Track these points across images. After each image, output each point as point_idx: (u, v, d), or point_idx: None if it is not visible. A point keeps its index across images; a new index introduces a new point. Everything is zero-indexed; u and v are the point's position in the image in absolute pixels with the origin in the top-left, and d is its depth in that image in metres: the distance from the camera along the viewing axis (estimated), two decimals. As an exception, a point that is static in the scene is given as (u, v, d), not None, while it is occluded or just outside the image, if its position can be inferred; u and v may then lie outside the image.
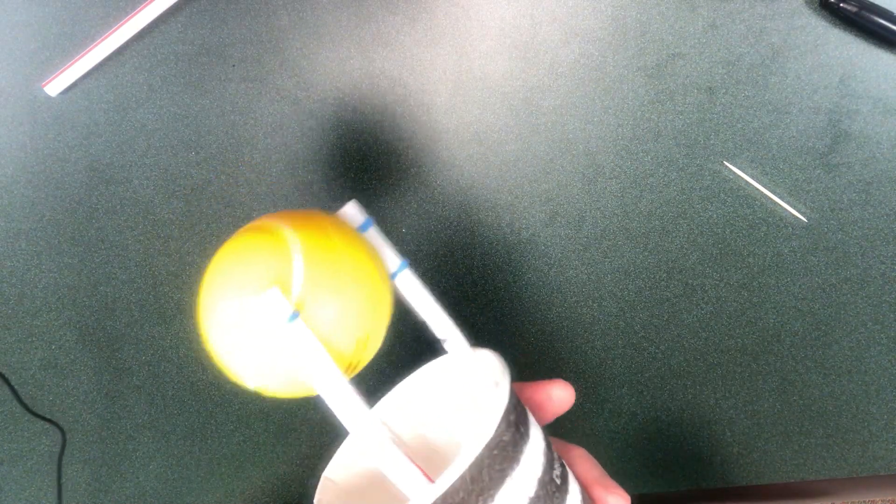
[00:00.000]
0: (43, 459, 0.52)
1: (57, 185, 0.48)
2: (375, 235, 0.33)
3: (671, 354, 0.50)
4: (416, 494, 0.25)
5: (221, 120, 0.47)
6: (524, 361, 0.50)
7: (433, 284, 0.49)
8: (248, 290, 0.28)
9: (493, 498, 0.26)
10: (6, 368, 0.50)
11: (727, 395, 0.50)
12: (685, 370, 0.50)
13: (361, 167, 0.48)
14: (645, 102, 0.47)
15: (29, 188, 0.48)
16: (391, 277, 0.32)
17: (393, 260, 0.32)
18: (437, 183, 0.48)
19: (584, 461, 0.32)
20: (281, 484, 0.52)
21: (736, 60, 0.46)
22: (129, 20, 0.45)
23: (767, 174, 0.47)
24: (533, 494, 0.27)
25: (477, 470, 0.26)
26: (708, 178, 0.48)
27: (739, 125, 0.47)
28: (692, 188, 0.48)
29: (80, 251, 0.49)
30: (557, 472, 0.29)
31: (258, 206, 0.48)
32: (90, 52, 0.45)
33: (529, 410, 0.31)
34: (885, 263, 0.48)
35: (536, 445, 0.29)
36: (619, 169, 0.48)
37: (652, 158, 0.48)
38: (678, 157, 0.48)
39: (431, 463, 0.31)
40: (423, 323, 0.33)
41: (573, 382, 0.51)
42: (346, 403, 0.27)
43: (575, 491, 0.30)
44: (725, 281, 0.49)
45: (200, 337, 0.30)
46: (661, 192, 0.48)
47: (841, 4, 0.44)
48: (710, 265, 0.49)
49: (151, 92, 0.47)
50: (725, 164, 0.47)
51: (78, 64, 0.46)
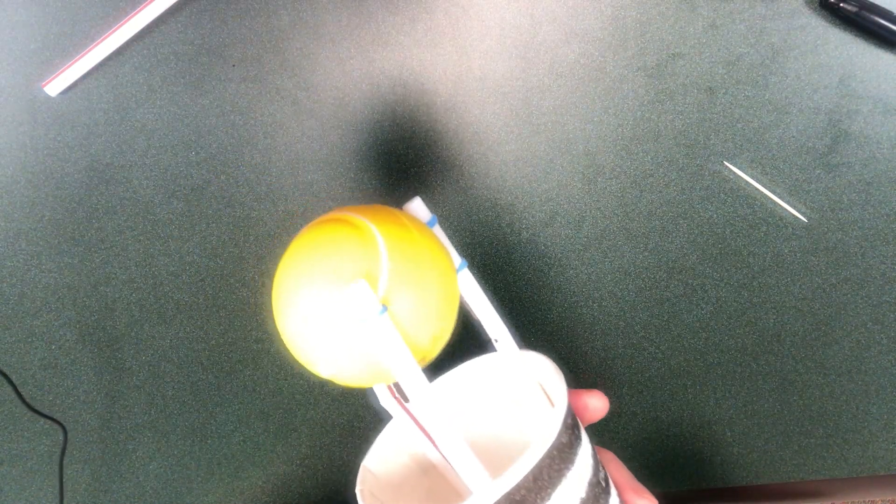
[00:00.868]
0: (43, 459, 0.52)
1: (57, 185, 0.48)
2: (440, 232, 0.33)
3: (671, 354, 0.50)
4: (481, 490, 0.26)
5: (221, 120, 0.47)
6: (524, 361, 0.50)
7: (433, 284, 0.49)
8: (335, 280, 0.28)
9: (549, 497, 0.26)
10: (6, 368, 0.50)
11: (727, 395, 0.50)
12: (685, 370, 0.50)
13: (361, 167, 0.48)
14: (645, 102, 0.47)
15: (29, 188, 0.48)
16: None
17: (455, 258, 0.32)
18: (436, 183, 0.48)
19: (614, 464, 0.33)
20: (281, 484, 0.52)
21: (736, 60, 0.46)
22: (129, 20, 0.45)
23: (767, 174, 0.47)
24: (584, 495, 0.28)
25: (539, 470, 0.26)
26: (708, 178, 0.48)
27: (739, 125, 0.47)
28: (692, 188, 0.48)
29: (80, 251, 0.49)
30: (602, 474, 0.30)
31: (258, 206, 0.48)
32: (90, 52, 0.45)
33: None
34: (885, 263, 0.48)
35: (586, 448, 0.30)
36: (619, 169, 0.48)
37: (652, 158, 0.48)
38: (678, 157, 0.48)
39: None
40: (477, 322, 0.34)
41: (573, 383, 0.51)
42: (421, 395, 0.28)
43: (614, 494, 0.30)
44: (725, 281, 0.49)
45: (275, 321, 0.30)
46: (661, 192, 0.48)
47: (841, 4, 0.44)
48: (710, 265, 0.49)
49: (151, 92, 0.47)
50: (725, 164, 0.47)
51: (78, 64, 0.46)
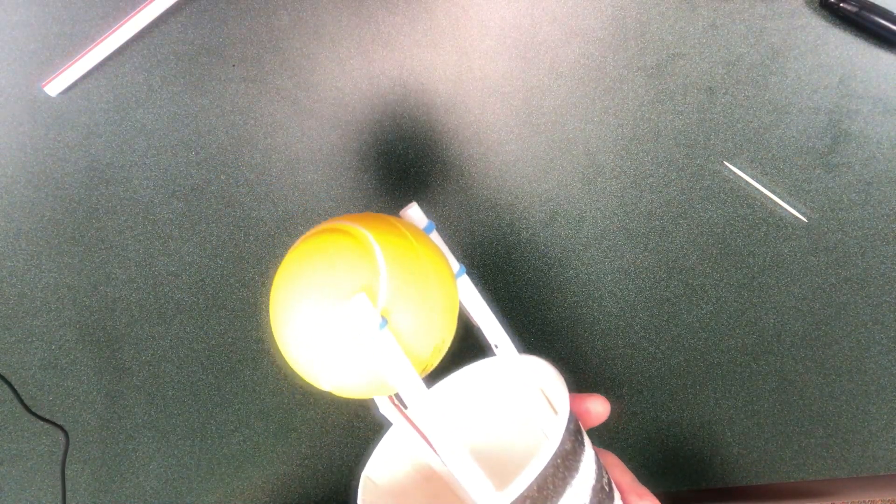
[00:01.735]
0: (44, 459, 0.52)
1: (57, 185, 0.48)
2: (437, 239, 0.32)
3: (671, 354, 0.50)
4: (486, 502, 0.26)
5: (221, 120, 0.47)
6: (524, 361, 0.50)
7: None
8: (333, 294, 0.27)
9: None
10: (6, 368, 0.50)
11: (727, 395, 0.50)
12: (685, 370, 0.50)
13: (361, 167, 0.48)
14: (645, 102, 0.47)
15: (29, 188, 0.48)
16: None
17: (453, 264, 0.32)
18: (436, 183, 0.48)
19: (616, 467, 0.33)
20: (281, 484, 0.52)
21: (736, 60, 0.46)
22: (129, 20, 0.45)
23: (767, 174, 0.47)
24: (588, 501, 0.28)
25: (543, 479, 0.26)
26: (708, 178, 0.48)
27: (739, 125, 0.47)
28: (692, 188, 0.48)
29: (80, 251, 0.49)
30: (605, 479, 0.30)
31: (258, 206, 0.48)
32: (90, 52, 0.45)
33: None
34: (885, 263, 0.48)
35: (590, 454, 0.29)
36: (619, 169, 0.48)
37: (652, 158, 0.48)
38: (678, 157, 0.48)
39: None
40: (476, 327, 0.33)
41: (573, 383, 0.51)
42: (425, 409, 0.27)
43: (618, 498, 0.30)
44: (725, 281, 0.49)
45: (273, 333, 0.30)
46: (661, 192, 0.48)
47: (841, 4, 0.44)
48: (710, 265, 0.49)
49: (151, 92, 0.47)
50: (725, 164, 0.47)
51: (78, 64, 0.46)
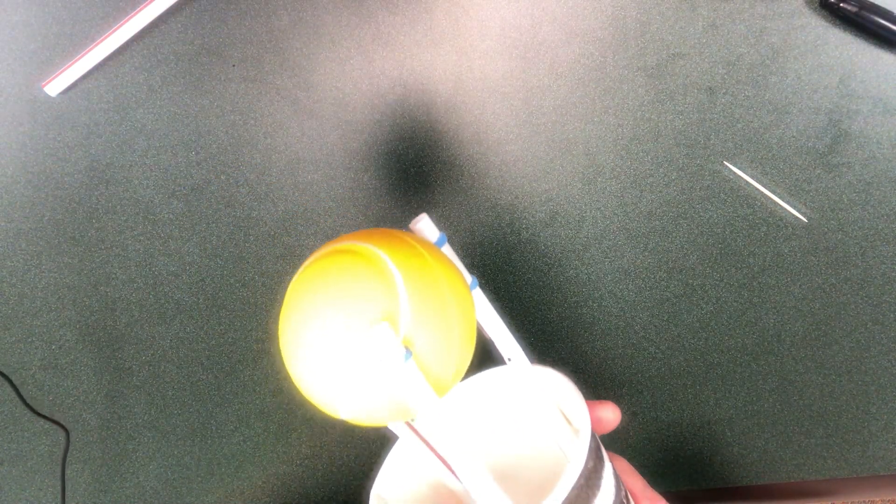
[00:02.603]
0: (44, 459, 0.52)
1: (57, 185, 0.48)
2: (449, 252, 0.31)
3: (671, 354, 0.50)
4: None
5: (221, 120, 0.47)
6: (524, 361, 0.50)
7: (433, 284, 0.49)
8: (352, 323, 0.26)
9: None
10: (6, 368, 0.50)
11: (727, 395, 0.50)
12: (685, 370, 0.50)
13: (361, 167, 0.48)
14: (645, 102, 0.47)
15: (29, 188, 0.48)
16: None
17: (465, 276, 0.31)
18: (436, 183, 0.48)
19: (627, 472, 0.33)
20: (281, 484, 0.52)
21: (736, 60, 0.46)
22: (129, 20, 0.45)
23: (767, 174, 0.47)
24: None
25: (569, 501, 0.26)
26: (708, 178, 0.48)
27: (739, 125, 0.47)
28: (692, 188, 0.48)
29: (80, 251, 0.49)
30: (623, 492, 0.29)
31: (258, 206, 0.48)
32: (90, 52, 0.45)
33: None
34: (885, 263, 0.48)
35: (609, 469, 0.29)
36: (619, 169, 0.48)
37: (652, 158, 0.48)
38: (678, 157, 0.48)
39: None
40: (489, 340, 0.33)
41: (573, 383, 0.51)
42: (447, 435, 0.27)
43: None
44: (725, 281, 0.49)
45: (284, 361, 0.28)
46: (661, 192, 0.48)
47: (841, 4, 0.44)
48: (710, 265, 0.49)
49: (151, 92, 0.47)
50: (725, 164, 0.47)
51: (78, 64, 0.46)
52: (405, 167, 0.48)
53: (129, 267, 0.49)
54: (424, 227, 0.31)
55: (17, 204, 0.48)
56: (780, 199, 0.48)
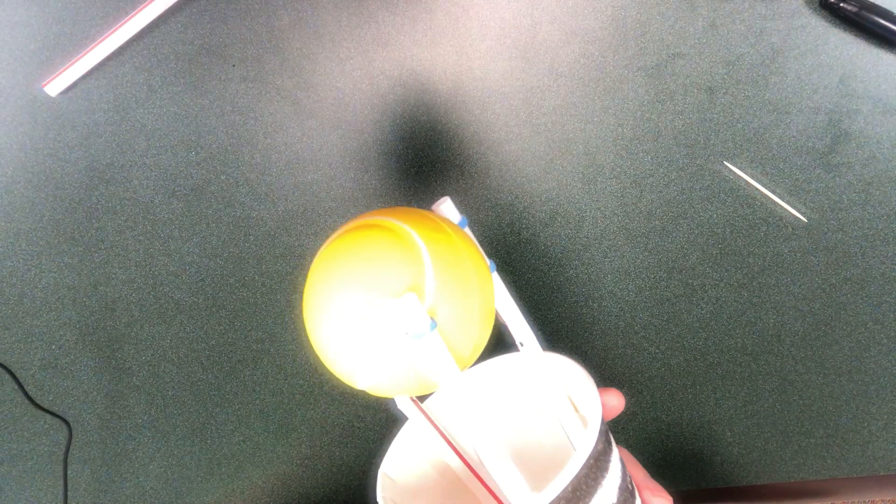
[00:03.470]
0: (44, 457, 0.52)
1: (57, 185, 0.48)
2: (470, 235, 0.31)
3: (671, 354, 0.50)
4: (522, 502, 0.26)
5: (221, 120, 0.47)
6: (524, 361, 0.50)
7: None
8: (379, 292, 0.26)
9: None
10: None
11: (727, 395, 0.50)
12: (685, 370, 0.50)
13: (361, 167, 0.48)
14: (645, 102, 0.47)
15: (29, 188, 0.48)
16: None
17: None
18: (436, 183, 0.48)
19: (629, 463, 0.33)
20: (281, 484, 0.52)
21: (736, 60, 0.46)
22: (129, 20, 0.45)
23: (767, 174, 0.47)
24: (615, 500, 0.28)
25: (578, 481, 0.26)
26: (708, 178, 0.48)
27: (739, 125, 0.47)
28: (692, 188, 0.48)
29: (80, 251, 0.49)
30: (628, 478, 0.30)
31: (258, 206, 0.48)
32: (90, 52, 0.45)
33: None
34: (885, 263, 0.48)
35: (615, 454, 0.30)
36: (619, 169, 0.48)
37: (652, 158, 0.48)
38: (678, 157, 0.48)
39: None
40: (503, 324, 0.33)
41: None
42: (467, 409, 0.27)
43: (638, 497, 0.31)
44: (725, 281, 0.49)
45: (306, 329, 0.29)
46: (661, 192, 0.48)
47: (841, 4, 0.44)
48: (710, 265, 0.49)
49: (151, 92, 0.47)
50: (725, 164, 0.47)
51: (78, 64, 0.46)
52: (405, 167, 0.48)
53: (129, 267, 0.49)
54: (446, 208, 0.31)
55: (17, 204, 0.48)
56: (780, 199, 0.48)
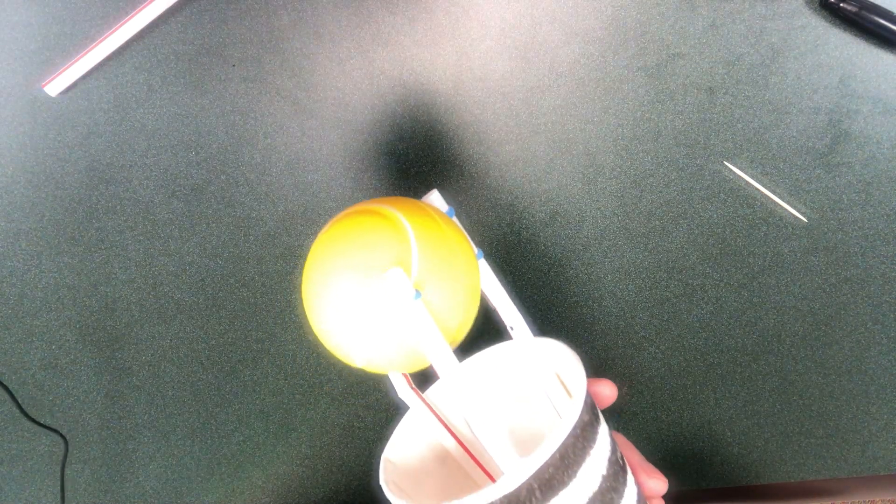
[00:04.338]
0: (43, 460, 0.52)
1: (57, 185, 0.48)
2: (457, 223, 0.34)
3: (671, 354, 0.50)
4: (511, 469, 0.27)
5: (221, 120, 0.47)
6: (524, 361, 0.50)
7: (433, 284, 0.49)
8: (369, 270, 0.29)
9: (575, 475, 0.28)
10: (6, 369, 0.50)
11: (727, 395, 0.50)
12: (685, 370, 0.50)
13: (361, 167, 0.48)
14: (645, 102, 0.47)
15: (29, 188, 0.48)
16: None
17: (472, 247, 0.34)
18: (436, 183, 0.48)
19: (626, 447, 0.34)
20: (281, 484, 0.52)
21: (736, 60, 0.46)
22: (129, 20, 0.45)
23: (767, 174, 0.47)
24: (605, 472, 0.29)
25: (565, 448, 0.27)
26: (708, 178, 0.48)
27: (739, 125, 0.47)
28: (692, 188, 0.48)
29: (80, 251, 0.49)
30: (619, 453, 0.31)
31: (258, 206, 0.48)
32: (90, 52, 0.45)
33: None
34: (885, 263, 0.48)
35: (604, 427, 0.31)
36: (619, 169, 0.48)
37: (652, 158, 0.48)
38: (678, 157, 0.48)
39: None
40: (493, 310, 0.35)
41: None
42: (455, 378, 0.29)
43: (629, 472, 0.31)
44: (725, 281, 0.49)
45: (306, 315, 0.30)
46: (661, 192, 0.48)
47: (841, 4, 0.44)
48: (710, 265, 0.49)
49: (151, 92, 0.47)
50: (725, 164, 0.47)
51: (78, 64, 0.46)
52: (405, 167, 0.48)
53: (129, 267, 0.49)
54: (434, 199, 0.34)
55: (17, 204, 0.48)
56: (780, 199, 0.48)
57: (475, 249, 0.33)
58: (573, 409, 0.28)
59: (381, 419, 0.51)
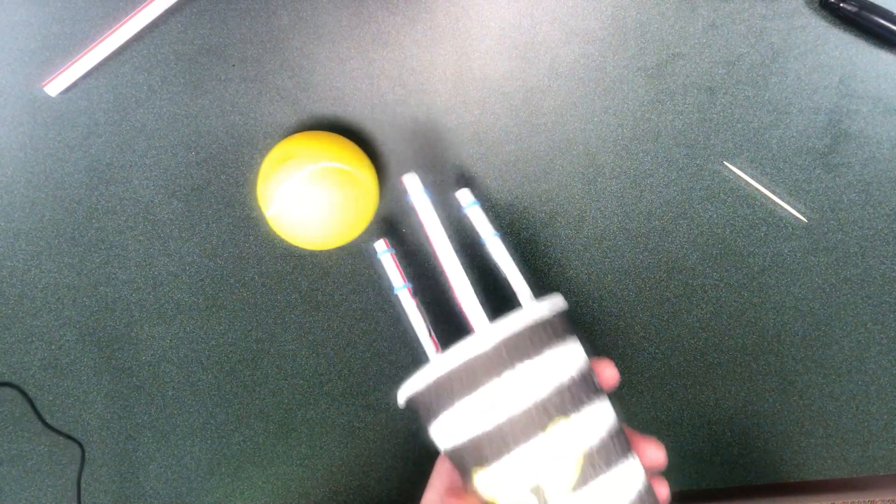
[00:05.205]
0: (43, 460, 0.52)
1: (57, 185, 0.48)
2: (479, 211, 0.42)
3: (671, 354, 0.50)
4: (480, 328, 0.35)
5: (221, 120, 0.47)
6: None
7: (432, 285, 0.49)
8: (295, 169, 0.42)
9: (541, 354, 0.32)
10: (6, 369, 0.50)
11: (727, 395, 0.50)
12: (685, 370, 0.50)
13: (361, 167, 0.48)
14: (645, 102, 0.47)
15: (29, 188, 0.48)
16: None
17: (487, 230, 0.41)
18: (436, 183, 0.48)
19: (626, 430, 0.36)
20: (281, 484, 0.52)
21: (736, 60, 0.46)
22: (129, 20, 0.45)
23: (767, 174, 0.47)
24: (574, 375, 0.32)
25: (532, 332, 0.31)
26: (708, 178, 0.48)
27: (739, 125, 0.47)
28: (692, 188, 0.48)
29: (80, 251, 0.49)
30: (597, 381, 0.34)
31: (258, 206, 0.48)
32: (90, 52, 0.45)
33: None
34: (885, 263, 0.48)
35: (580, 349, 0.34)
36: (619, 169, 0.48)
37: (652, 158, 0.48)
38: (678, 157, 0.48)
39: None
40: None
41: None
42: (428, 214, 0.38)
43: (606, 400, 0.33)
44: (725, 281, 0.49)
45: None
46: (661, 192, 0.48)
47: (841, 4, 0.44)
48: (710, 265, 0.49)
49: (151, 92, 0.47)
50: (725, 164, 0.48)
51: (78, 64, 0.46)
52: (405, 167, 0.48)
53: (129, 267, 0.49)
54: (461, 196, 0.42)
55: (17, 204, 0.48)
56: (780, 199, 0.48)
57: (493, 230, 0.41)
58: (536, 304, 0.32)
59: (381, 419, 0.51)
